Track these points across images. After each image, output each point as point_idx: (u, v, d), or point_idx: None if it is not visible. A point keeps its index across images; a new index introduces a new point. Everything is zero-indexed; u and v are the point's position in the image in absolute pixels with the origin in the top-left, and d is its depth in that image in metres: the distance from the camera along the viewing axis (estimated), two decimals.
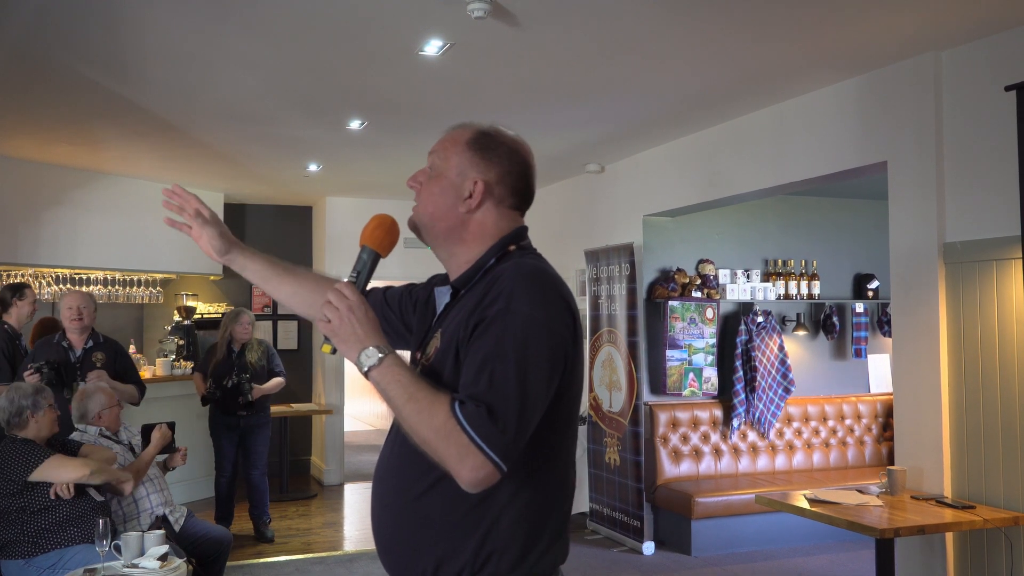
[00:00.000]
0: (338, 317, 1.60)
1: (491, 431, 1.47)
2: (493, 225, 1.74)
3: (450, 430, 1.48)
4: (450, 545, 1.59)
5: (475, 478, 1.48)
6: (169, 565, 3.34)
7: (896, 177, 4.44)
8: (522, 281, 1.59)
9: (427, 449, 1.52)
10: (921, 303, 4.27)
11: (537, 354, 1.53)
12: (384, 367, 1.55)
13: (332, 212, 8.95)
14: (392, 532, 1.67)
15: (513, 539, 1.60)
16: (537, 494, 1.62)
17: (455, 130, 1.81)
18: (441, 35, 4.02)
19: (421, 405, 1.51)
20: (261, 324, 9.26)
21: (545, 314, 1.57)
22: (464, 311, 1.62)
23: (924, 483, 4.23)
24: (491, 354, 1.52)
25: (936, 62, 4.20)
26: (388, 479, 1.70)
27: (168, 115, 5.51)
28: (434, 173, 1.77)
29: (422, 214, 1.77)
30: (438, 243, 1.78)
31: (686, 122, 5.71)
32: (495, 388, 1.49)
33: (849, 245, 7.33)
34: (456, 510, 1.59)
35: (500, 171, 1.75)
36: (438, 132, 6.57)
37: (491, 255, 1.71)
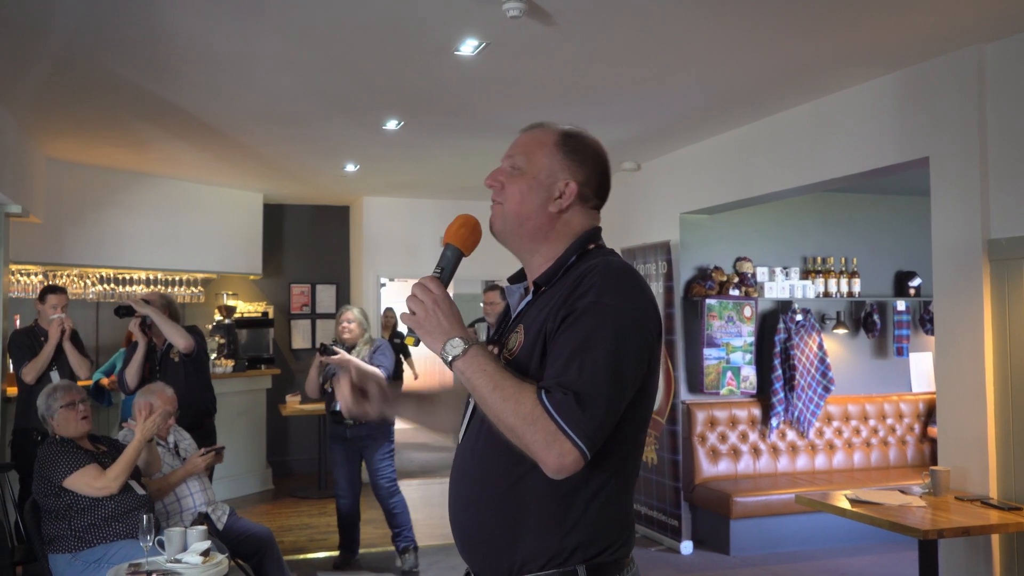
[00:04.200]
0: (423, 310, 1.65)
1: (578, 418, 1.50)
2: (578, 225, 1.78)
3: (537, 417, 1.51)
4: (538, 537, 1.63)
5: (561, 464, 1.51)
6: (211, 560, 3.38)
7: (938, 173, 4.37)
8: (612, 276, 1.64)
9: (512, 436, 1.55)
10: (965, 300, 4.20)
11: (625, 346, 1.58)
12: (468, 357, 1.60)
13: (369, 212, 9.01)
14: (476, 525, 1.71)
15: (599, 529, 1.64)
16: (619, 485, 1.67)
17: (536, 130, 1.84)
18: (477, 35, 4.03)
19: (507, 393, 1.55)
20: (299, 323, 9.38)
21: (633, 308, 1.62)
22: (549, 305, 1.66)
23: (968, 484, 4.16)
24: (580, 344, 1.56)
25: (980, 55, 4.12)
26: (471, 473, 1.73)
27: (208, 117, 5.59)
28: (517, 173, 1.79)
29: (509, 213, 1.79)
30: (522, 242, 1.80)
31: (723, 119, 5.67)
32: (584, 377, 1.53)
33: (890, 242, 7.22)
34: (545, 503, 1.62)
35: (588, 173, 1.79)
36: (475, 131, 6.61)
37: (572, 252, 1.75)
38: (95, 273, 7.62)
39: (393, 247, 9.06)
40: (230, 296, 8.82)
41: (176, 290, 8.24)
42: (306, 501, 7.84)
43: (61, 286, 6.11)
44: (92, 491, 3.70)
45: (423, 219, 9.14)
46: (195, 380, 5.19)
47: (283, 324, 9.31)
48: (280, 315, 9.28)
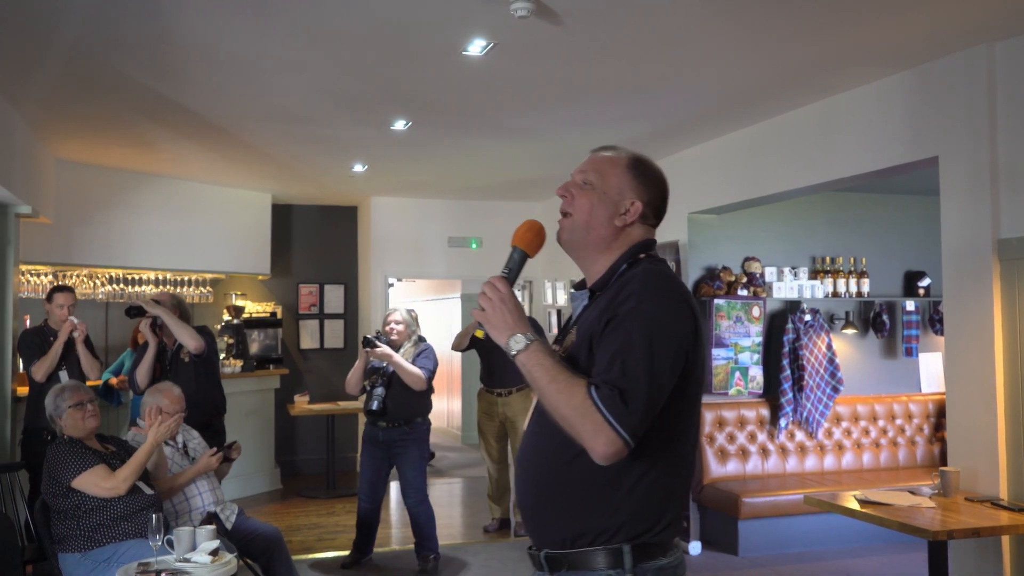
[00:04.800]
0: (491, 306, 1.84)
1: (622, 411, 1.70)
2: (637, 239, 1.97)
3: (587, 409, 1.71)
4: (587, 514, 1.82)
5: (607, 452, 1.71)
6: (220, 560, 3.39)
7: (948, 172, 4.35)
8: (651, 283, 1.83)
9: (565, 425, 1.75)
10: (975, 300, 4.18)
11: (662, 347, 1.76)
12: (530, 351, 1.80)
13: (377, 212, 9.02)
14: (535, 501, 1.91)
15: (642, 511, 1.82)
16: (663, 473, 1.84)
17: (609, 152, 2.03)
18: (484, 35, 4.03)
19: (561, 386, 1.75)
20: (307, 323, 9.40)
21: (669, 313, 1.80)
22: (599, 309, 1.86)
23: (978, 485, 4.15)
24: (623, 346, 1.75)
25: (989, 53, 4.10)
26: (532, 455, 1.93)
27: (216, 117, 5.60)
28: (588, 187, 1.98)
29: (578, 223, 1.97)
30: (587, 251, 1.98)
31: (731, 119, 5.66)
32: (626, 375, 1.72)
33: (899, 242, 7.19)
34: (594, 484, 1.81)
35: (652, 195, 1.99)
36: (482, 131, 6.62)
37: (623, 261, 1.94)
38: (104, 273, 7.65)
39: (401, 247, 9.07)
40: (239, 296, 8.84)
41: (185, 290, 8.26)
42: (314, 501, 7.85)
43: (68, 285, 6.13)
44: (101, 492, 3.71)
45: (431, 219, 9.15)
46: (205, 380, 5.20)
47: (291, 324, 9.33)
48: (288, 315, 9.30)
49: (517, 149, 6.61)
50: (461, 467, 9.67)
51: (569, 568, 1.85)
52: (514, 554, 6.09)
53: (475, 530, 6.85)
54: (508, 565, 5.82)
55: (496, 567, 5.78)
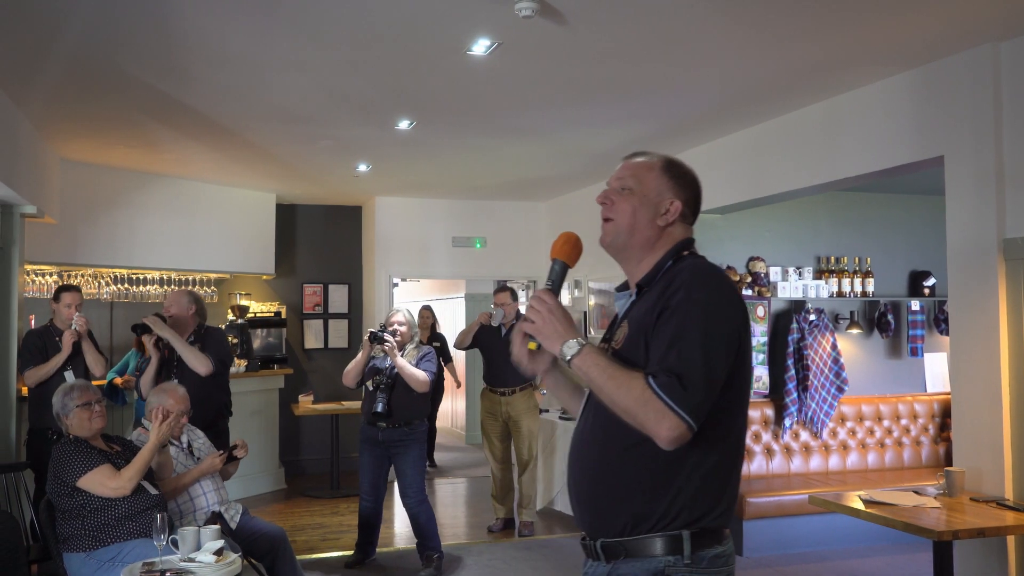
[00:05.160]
0: (541, 319, 1.95)
1: (682, 396, 1.77)
2: (679, 237, 2.06)
3: (648, 398, 1.79)
4: (646, 500, 1.89)
5: (671, 436, 1.78)
6: (225, 559, 3.39)
7: (953, 172, 4.34)
8: (700, 275, 1.92)
9: (627, 417, 1.83)
10: (980, 300, 4.17)
11: (715, 333, 1.84)
12: (584, 355, 1.89)
13: (381, 212, 9.03)
14: (592, 490, 1.98)
15: (700, 497, 1.89)
16: (719, 459, 1.91)
17: (642, 157, 2.11)
18: (489, 34, 4.03)
19: (620, 381, 1.83)
20: (311, 323, 9.40)
21: (720, 301, 1.89)
22: (648, 303, 1.94)
23: (984, 485, 4.14)
24: (678, 334, 1.83)
25: (994, 53, 4.09)
26: (587, 447, 2.01)
27: (221, 117, 5.61)
28: (627, 192, 2.06)
29: (622, 226, 2.06)
30: (631, 252, 2.07)
31: (735, 118, 5.65)
32: (683, 361, 1.80)
33: (904, 242, 7.18)
34: (652, 470, 1.88)
35: (689, 194, 2.08)
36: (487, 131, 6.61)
37: (668, 258, 2.03)
38: (109, 273, 7.66)
39: (405, 247, 9.07)
40: (243, 296, 8.85)
41: (192, 288, 8.26)
42: (319, 501, 7.86)
43: (75, 285, 6.14)
44: (106, 491, 3.72)
45: (435, 219, 9.15)
46: (211, 381, 5.18)
47: (296, 324, 9.34)
48: (293, 315, 9.31)
49: (521, 148, 6.61)
50: (465, 467, 9.67)
51: (627, 556, 1.90)
52: (518, 554, 6.09)
53: (479, 530, 6.85)
54: (512, 565, 5.82)
55: (500, 567, 5.78)
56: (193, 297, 5.44)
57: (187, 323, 5.35)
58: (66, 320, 5.65)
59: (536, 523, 6.81)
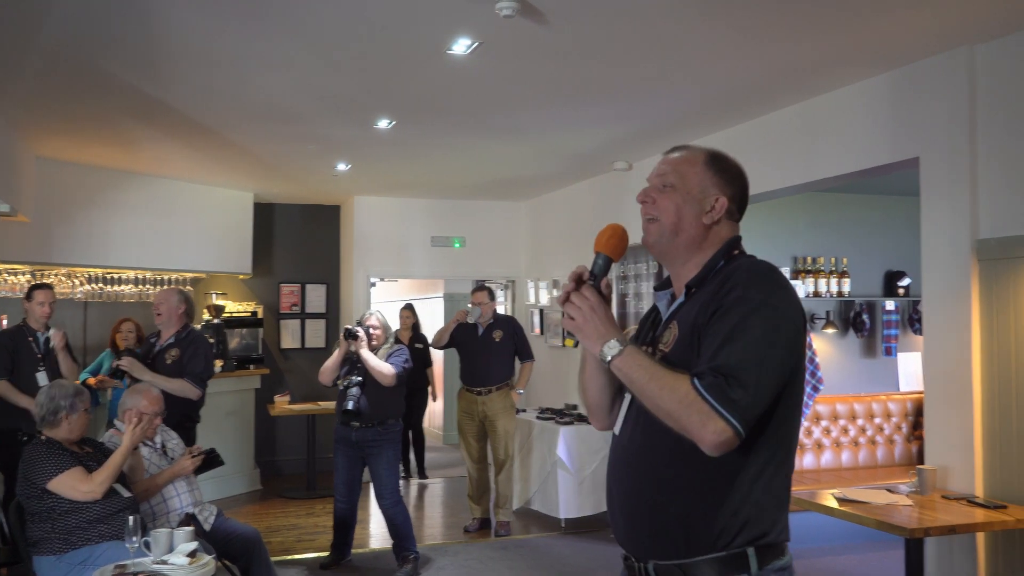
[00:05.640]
0: (582, 316, 1.82)
1: (730, 399, 1.65)
2: (726, 235, 1.95)
3: (692, 400, 1.67)
4: (703, 518, 1.76)
5: (716, 441, 1.66)
6: (198, 561, 3.36)
7: (928, 173, 4.38)
8: (757, 273, 1.81)
9: (670, 421, 1.71)
10: (953, 300, 4.22)
11: (771, 334, 1.73)
12: (626, 355, 1.77)
13: (360, 211, 9.00)
14: (641, 509, 1.85)
15: (763, 510, 1.78)
16: (779, 467, 1.81)
17: (684, 151, 1.99)
18: (469, 34, 4.02)
19: (663, 382, 1.72)
20: (288, 323, 9.35)
21: (777, 301, 1.77)
22: (700, 303, 1.83)
23: (955, 483, 4.18)
24: (729, 333, 1.71)
25: (970, 56, 4.14)
26: (634, 460, 1.88)
27: (199, 115, 5.57)
28: (669, 189, 1.94)
29: (666, 225, 1.93)
30: (677, 251, 1.95)
31: (714, 119, 5.68)
32: (733, 361, 1.68)
33: (880, 242, 7.25)
34: (711, 483, 1.76)
35: (735, 189, 1.97)
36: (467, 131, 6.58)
37: (719, 257, 1.92)
38: (83, 272, 7.59)
39: (384, 247, 9.04)
40: (219, 296, 8.79)
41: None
42: (294, 502, 7.82)
43: (48, 283, 6.07)
44: (77, 495, 3.67)
45: (414, 218, 9.13)
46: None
47: (272, 324, 9.29)
48: (269, 315, 9.26)
49: (501, 148, 6.61)
50: (442, 467, 9.65)
51: None
52: (494, 554, 6.09)
53: (455, 530, 6.84)
54: (488, 565, 5.82)
55: (476, 567, 5.77)
56: (183, 296, 5.39)
57: (174, 323, 5.31)
58: (39, 319, 5.58)
59: (512, 523, 6.81)
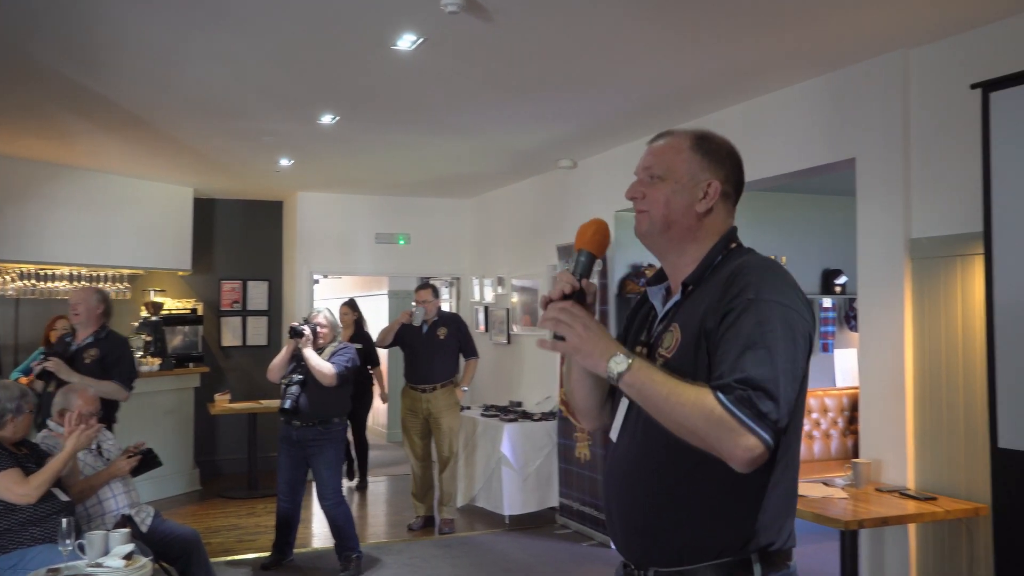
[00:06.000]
0: (575, 335, 1.66)
1: (760, 412, 1.55)
2: (722, 222, 1.84)
3: (720, 416, 1.55)
4: (710, 529, 1.68)
5: (749, 458, 1.56)
6: (134, 564, 3.30)
7: (864, 174, 4.49)
8: (768, 273, 1.70)
9: (692, 439, 1.59)
10: (887, 298, 4.33)
11: (789, 337, 1.63)
12: (636, 370, 1.62)
13: (303, 207, 8.90)
14: (645, 520, 1.75)
15: (772, 519, 1.69)
16: (787, 473, 1.72)
17: (668, 138, 1.88)
18: (414, 29, 4.00)
19: (684, 398, 1.58)
20: (229, 320, 9.21)
21: (792, 301, 1.67)
22: (704, 304, 1.71)
23: (888, 475, 4.29)
24: (748, 341, 1.60)
25: (905, 60, 4.25)
26: (635, 470, 1.77)
27: (138, 109, 5.45)
28: (657, 180, 1.83)
29: (656, 218, 1.82)
30: (670, 244, 1.84)
31: (657, 118, 5.73)
32: (759, 370, 1.57)
33: (818, 241, 7.40)
34: (717, 494, 1.67)
35: (727, 170, 1.84)
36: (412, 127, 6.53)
37: (717, 252, 1.80)
38: (15, 268, 7.37)
39: (327, 243, 8.96)
40: (157, 292, 8.62)
41: (101, 286, 8.01)
42: (235, 502, 7.71)
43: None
44: (12, 496, 3.57)
45: (358, 215, 9.07)
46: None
47: (213, 321, 9.14)
48: (210, 312, 9.10)
49: (447, 145, 6.59)
50: (385, 465, 9.60)
51: None
52: (438, 552, 6.08)
53: (399, 528, 6.81)
54: (431, 563, 5.81)
55: (419, 565, 5.76)
56: (102, 296, 5.28)
57: (92, 322, 5.21)
58: None
59: (457, 520, 6.80)
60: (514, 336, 8.34)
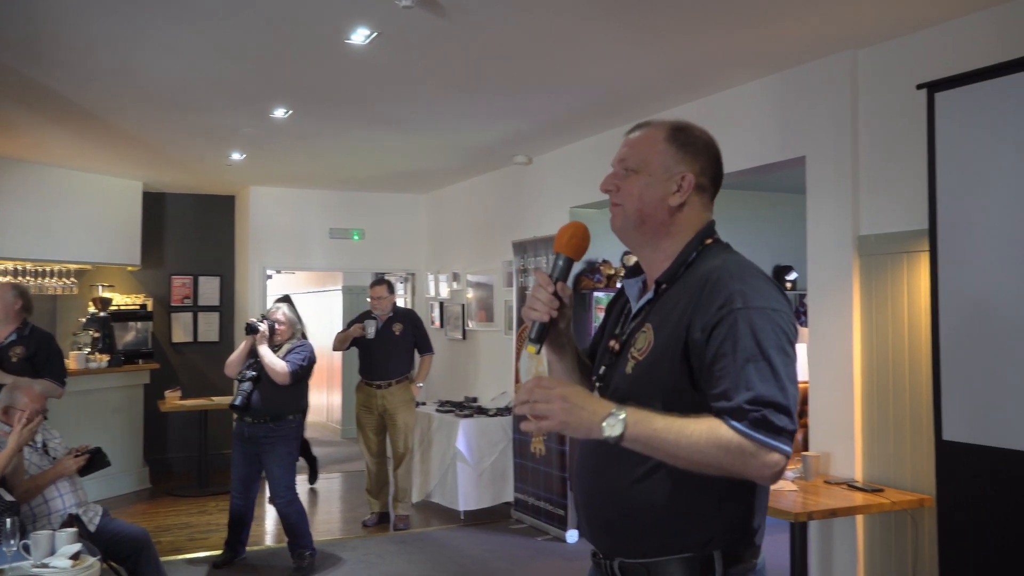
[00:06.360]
0: (559, 410, 1.60)
1: (777, 428, 1.55)
2: (697, 216, 1.81)
3: (739, 444, 1.54)
4: (677, 525, 1.69)
5: (774, 473, 1.57)
6: (81, 564, 3.24)
7: (814, 172, 4.56)
8: (748, 279, 1.66)
9: (715, 471, 1.58)
10: (836, 294, 4.41)
11: (782, 342, 1.62)
12: (632, 426, 1.58)
13: (256, 202, 8.80)
14: (611, 515, 1.76)
15: (736, 518, 1.70)
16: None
17: (644, 129, 1.86)
18: (368, 23, 3.97)
19: (695, 438, 1.56)
20: (180, 316, 9.07)
21: (778, 304, 1.65)
22: (678, 306, 1.69)
23: (836, 468, 4.37)
24: (748, 355, 1.58)
25: (853, 60, 4.32)
26: (603, 466, 1.76)
27: (85, 101, 5.34)
28: (631, 173, 1.81)
29: (630, 211, 1.80)
30: (645, 238, 1.82)
31: (613, 115, 5.77)
32: (766, 388, 1.56)
33: (769, 237, 7.51)
34: (684, 493, 1.67)
35: (703, 163, 1.82)
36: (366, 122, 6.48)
37: (692, 249, 1.78)
38: None
39: (281, 238, 8.86)
40: (106, 288, 8.45)
41: (47, 281, 7.84)
42: (185, 500, 7.60)
43: None
44: None
45: (312, 210, 8.99)
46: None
47: (163, 317, 8.99)
48: (160, 308, 8.96)
49: (400, 140, 6.56)
50: (340, 461, 9.54)
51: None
52: (393, 547, 6.06)
53: (353, 525, 6.78)
54: (386, 559, 5.79)
55: (374, 561, 5.74)
56: (18, 291, 5.19)
57: (11, 319, 5.11)
58: None
59: (412, 516, 6.79)
60: (469, 332, 8.33)
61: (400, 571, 5.54)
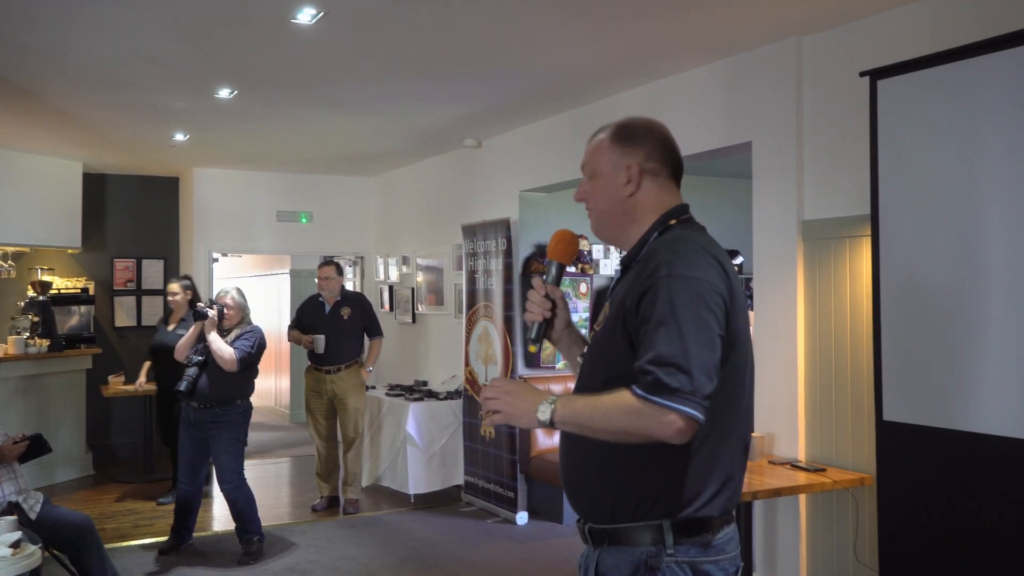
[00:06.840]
0: (502, 404, 1.82)
1: (671, 389, 1.63)
2: (655, 199, 1.93)
3: (639, 408, 1.65)
4: (623, 490, 1.80)
5: (672, 431, 1.65)
6: (22, 552, 3.18)
7: (759, 157, 4.62)
8: (677, 247, 1.77)
9: (633, 438, 1.70)
10: (781, 277, 4.49)
11: (699, 308, 1.69)
12: (560, 409, 1.75)
13: (200, 183, 8.64)
14: (576, 478, 1.91)
15: (679, 486, 1.77)
16: (707, 442, 1.76)
17: (595, 137, 2.01)
18: (314, 3, 3.92)
19: (606, 409, 1.70)
20: (123, 300, 8.90)
21: (700, 273, 1.73)
22: (629, 282, 1.82)
23: (780, 448, 4.47)
24: (660, 318, 1.68)
25: (798, 47, 4.38)
26: (570, 444, 1.91)
27: (21, 79, 5.18)
28: (593, 178, 1.97)
29: (599, 213, 1.97)
30: (615, 232, 1.97)
31: (562, 99, 5.78)
32: (667, 348, 1.65)
33: (717, 222, 7.45)
34: (627, 459, 1.78)
35: (646, 149, 1.93)
36: (312, 103, 6.40)
37: (654, 230, 1.90)
38: None
39: (227, 221, 8.73)
40: (45, 271, 8.24)
41: None
42: (130, 486, 7.47)
43: None
44: None
45: (259, 192, 8.86)
46: None
47: (105, 301, 8.81)
48: (102, 291, 8.77)
49: (348, 122, 6.49)
50: (288, 446, 9.47)
51: (611, 543, 1.82)
52: (343, 532, 6.04)
53: (303, 509, 6.74)
54: (336, 543, 5.77)
55: (323, 546, 5.71)
56: None
57: None
58: None
59: (362, 500, 6.77)
60: (419, 315, 8.31)
61: (350, 555, 5.53)
